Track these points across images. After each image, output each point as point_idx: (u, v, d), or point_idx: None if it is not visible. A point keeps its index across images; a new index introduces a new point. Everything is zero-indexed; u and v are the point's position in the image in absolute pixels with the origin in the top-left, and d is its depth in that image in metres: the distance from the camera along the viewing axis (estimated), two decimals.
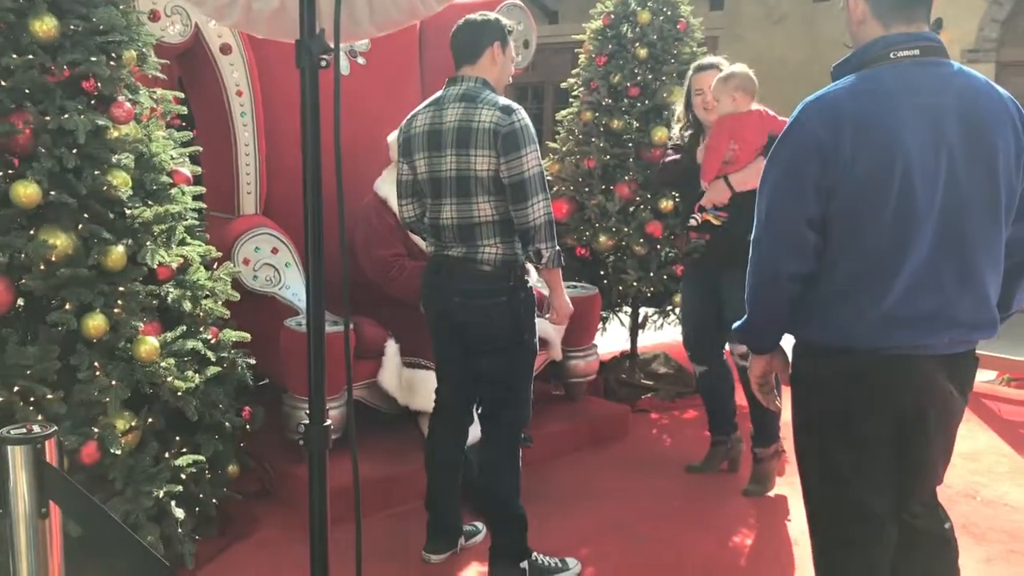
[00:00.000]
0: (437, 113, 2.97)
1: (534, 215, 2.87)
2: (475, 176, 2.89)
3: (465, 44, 3.01)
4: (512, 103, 2.91)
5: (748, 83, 3.75)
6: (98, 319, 2.83)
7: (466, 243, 2.95)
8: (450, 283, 3.01)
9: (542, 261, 2.92)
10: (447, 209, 2.96)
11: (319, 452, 1.67)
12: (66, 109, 2.85)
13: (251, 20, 1.76)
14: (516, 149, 2.84)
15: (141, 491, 2.87)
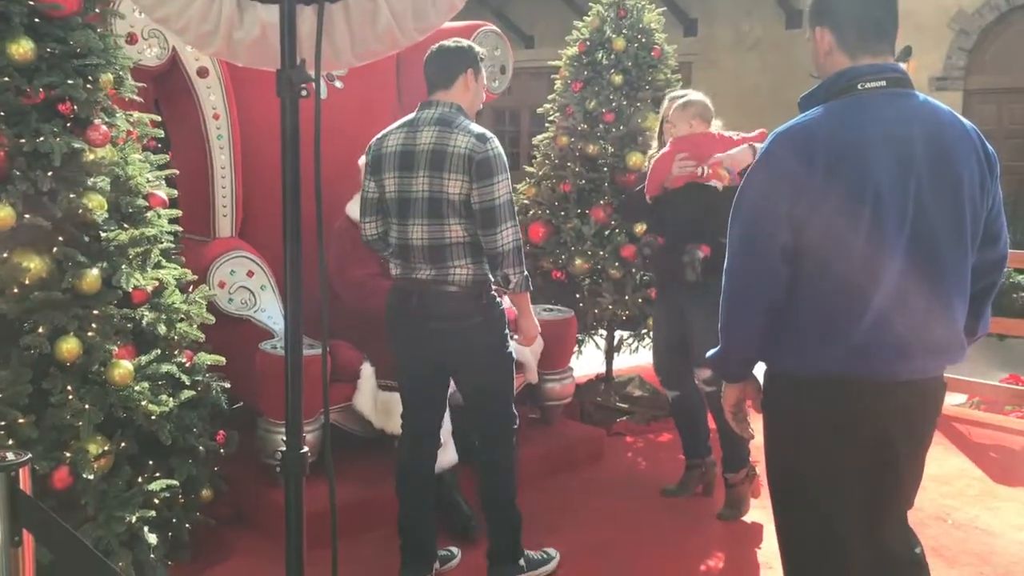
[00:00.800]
0: (411, 135, 3.02)
1: (503, 241, 2.94)
2: (447, 198, 2.94)
3: (439, 70, 3.08)
4: (487, 132, 2.98)
5: (705, 111, 3.84)
6: (72, 343, 2.81)
7: (436, 264, 2.99)
8: (422, 309, 3.04)
9: (510, 286, 3.00)
10: (417, 229, 2.99)
11: (296, 479, 1.67)
12: (42, 132, 2.84)
13: (232, 49, 1.77)
14: (489, 176, 2.91)
15: (113, 516, 2.84)
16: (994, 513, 4.02)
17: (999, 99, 9.55)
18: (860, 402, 2.04)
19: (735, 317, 2.17)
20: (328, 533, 2.27)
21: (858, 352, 2.00)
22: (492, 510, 3.22)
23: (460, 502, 3.67)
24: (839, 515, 2.12)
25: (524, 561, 3.26)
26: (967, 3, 9.43)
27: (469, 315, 3.02)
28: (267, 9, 1.70)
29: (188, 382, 3.15)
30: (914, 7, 9.89)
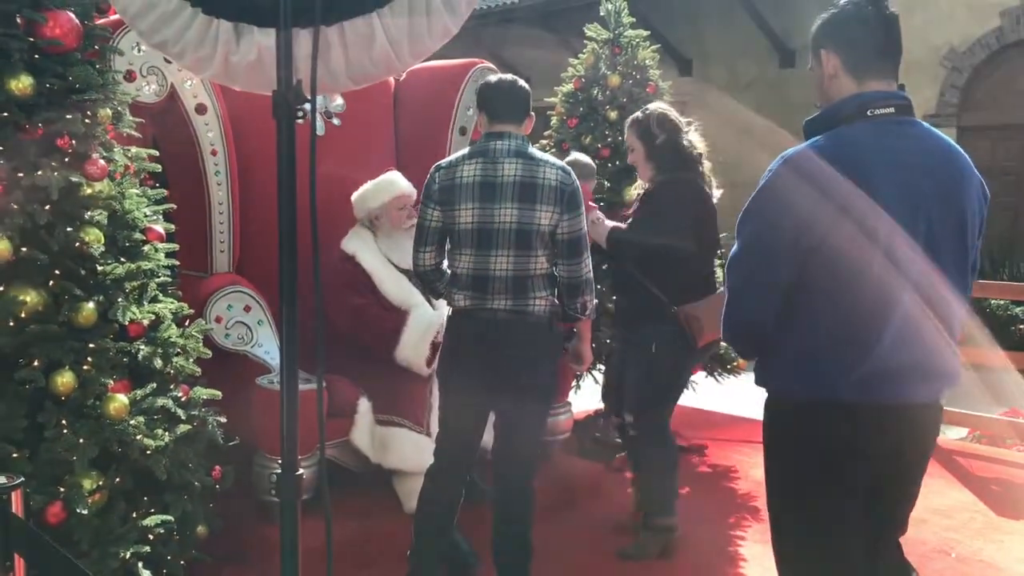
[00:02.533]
0: (489, 166, 3.04)
1: (584, 270, 3.09)
2: (537, 230, 3.00)
3: (515, 104, 3.13)
4: (567, 165, 3.12)
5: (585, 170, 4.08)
6: (67, 376, 2.79)
7: (517, 296, 3.04)
8: (501, 338, 3.05)
9: (586, 312, 3.14)
10: (500, 260, 3.02)
11: (290, 502, 1.65)
12: (40, 166, 2.84)
13: (229, 72, 1.79)
14: (577, 207, 3.03)
15: (108, 552, 2.79)
16: (998, 547, 3.99)
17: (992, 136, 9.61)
18: (873, 425, 2.02)
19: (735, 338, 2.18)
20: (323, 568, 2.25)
21: (872, 378, 1.98)
22: (512, 544, 3.21)
23: (460, 539, 3.62)
24: (848, 540, 2.09)
25: None
26: (958, 41, 9.53)
27: (544, 344, 3.12)
28: (264, 33, 1.72)
29: (184, 416, 3.12)
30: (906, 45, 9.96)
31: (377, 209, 4.04)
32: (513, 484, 3.21)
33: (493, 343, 3.06)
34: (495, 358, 3.06)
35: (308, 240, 1.83)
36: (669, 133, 3.75)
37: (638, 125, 3.82)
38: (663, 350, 3.70)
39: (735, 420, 6.14)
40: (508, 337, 3.05)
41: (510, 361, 3.06)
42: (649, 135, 3.77)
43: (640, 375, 3.78)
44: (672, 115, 3.82)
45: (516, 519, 3.21)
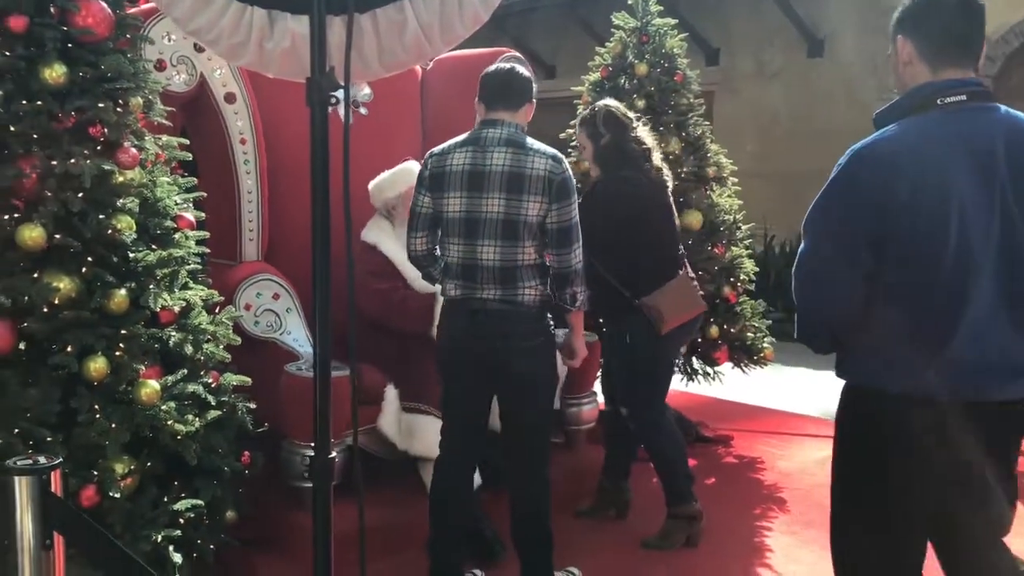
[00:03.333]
0: (479, 154, 3.03)
1: (574, 260, 3.03)
2: (524, 220, 2.98)
3: (511, 92, 3.11)
4: (559, 153, 3.05)
5: None
6: (99, 362, 2.83)
7: (505, 285, 3.02)
8: (489, 328, 3.04)
9: (576, 304, 3.10)
10: (487, 250, 3.00)
11: (323, 485, 1.66)
12: (72, 154, 2.88)
13: (263, 60, 1.80)
14: (567, 197, 2.99)
15: (139, 535, 2.83)
16: None
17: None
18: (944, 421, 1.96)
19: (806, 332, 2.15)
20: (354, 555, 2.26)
21: (951, 371, 1.94)
22: (530, 530, 3.21)
23: (485, 526, 3.64)
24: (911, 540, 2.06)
25: None
26: (991, 30, 9.37)
27: (534, 335, 3.08)
28: (297, 20, 1.73)
29: (214, 403, 3.15)
30: None
31: (393, 199, 4.04)
32: (522, 474, 3.21)
33: (483, 333, 3.06)
34: (486, 348, 3.06)
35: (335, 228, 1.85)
36: (614, 132, 3.77)
37: (587, 125, 3.85)
38: (638, 340, 3.74)
39: (761, 411, 6.12)
40: (498, 327, 3.04)
41: (500, 351, 3.05)
42: (596, 135, 3.79)
43: (622, 367, 3.86)
44: (618, 112, 3.83)
45: (530, 509, 3.21)
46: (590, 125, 3.81)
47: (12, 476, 1.43)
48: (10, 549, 1.46)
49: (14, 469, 1.45)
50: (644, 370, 3.82)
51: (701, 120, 5.24)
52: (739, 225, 5.16)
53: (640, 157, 3.76)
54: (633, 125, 3.82)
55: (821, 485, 4.56)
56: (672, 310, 3.69)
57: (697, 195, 4.97)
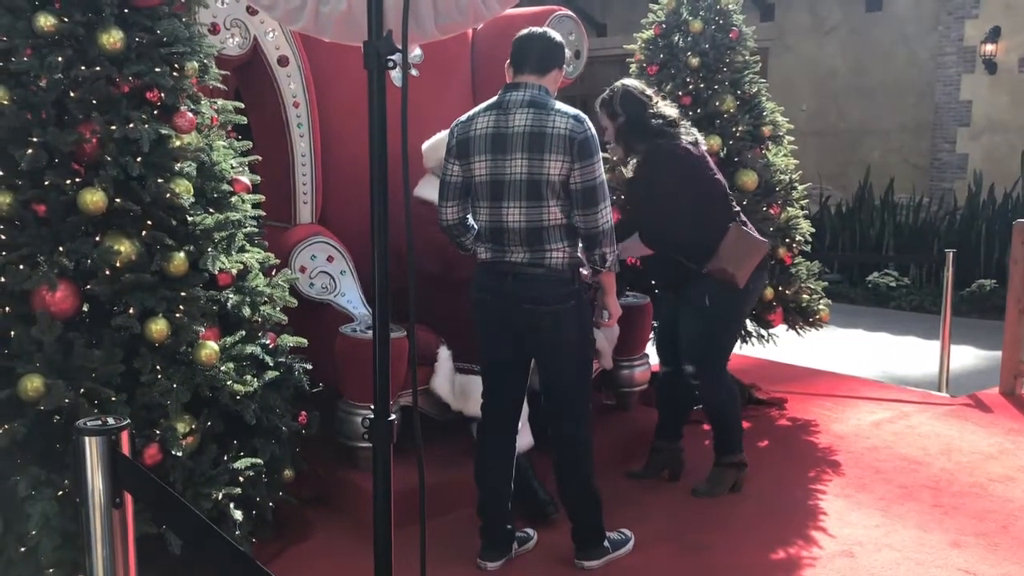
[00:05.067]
0: (502, 117, 3.03)
1: (602, 220, 2.99)
2: (547, 180, 2.96)
3: (540, 56, 3.09)
4: (581, 112, 3.01)
5: None
6: (160, 324, 2.89)
7: (532, 247, 3.02)
8: (518, 290, 3.06)
9: (606, 265, 3.06)
10: (512, 212, 3.01)
11: (383, 447, 1.68)
12: (131, 119, 2.91)
13: (319, 24, 1.80)
14: (589, 156, 2.95)
15: (201, 493, 2.90)
16: None
17: None
18: None
19: None
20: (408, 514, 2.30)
21: None
22: (575, 492, 3.25)
23: (537, 486, 3.67)
24: None
25: (608, 542, 3.31)
26: None
27: (564, 298, 3.07)
28: None
29: (271, 363, 3.21)
30: None
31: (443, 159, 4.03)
32: (561, 435, 3.23)
33: (512, 296, 3.07)
34: (517, 312, 3.08)
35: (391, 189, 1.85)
36: (632, 111, 3.74)
37: (605, 105, 3.83)
38: (719, 299, 3.79)
39: (816, 373, 6.06)
40: (526, 290, 3.05)
41: (531, 315, 3.07)
42: (614, 114, 3.78)
43: (696, 329, 3.86)
44: (636, 91, 3.79)
45: (571, 470, 3.23)
46: (608, 106, 3.81)
47: (83, 436, 1.47)
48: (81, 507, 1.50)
49: (85, 430, 1.49)
50: (722, 328, 3.90)
51: (756, 78, 5.14)
52: (795, 185, 5.07)
53: (664, 129, 3.73)
54: (653, 101, 3.78)
55: (875, 448, 4.52)
56: (739, 264, 3.73)
57: (752, 155, 4.88)
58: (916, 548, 3.47)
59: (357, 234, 3.83)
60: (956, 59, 10.62)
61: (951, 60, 10.65)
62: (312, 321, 3.70)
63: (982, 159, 10.55)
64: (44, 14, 2.83)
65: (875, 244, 10.05)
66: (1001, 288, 7.75)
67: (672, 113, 3.81)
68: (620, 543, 3.38)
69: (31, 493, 2.62)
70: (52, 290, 2.76)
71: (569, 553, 3.33)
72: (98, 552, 1.49)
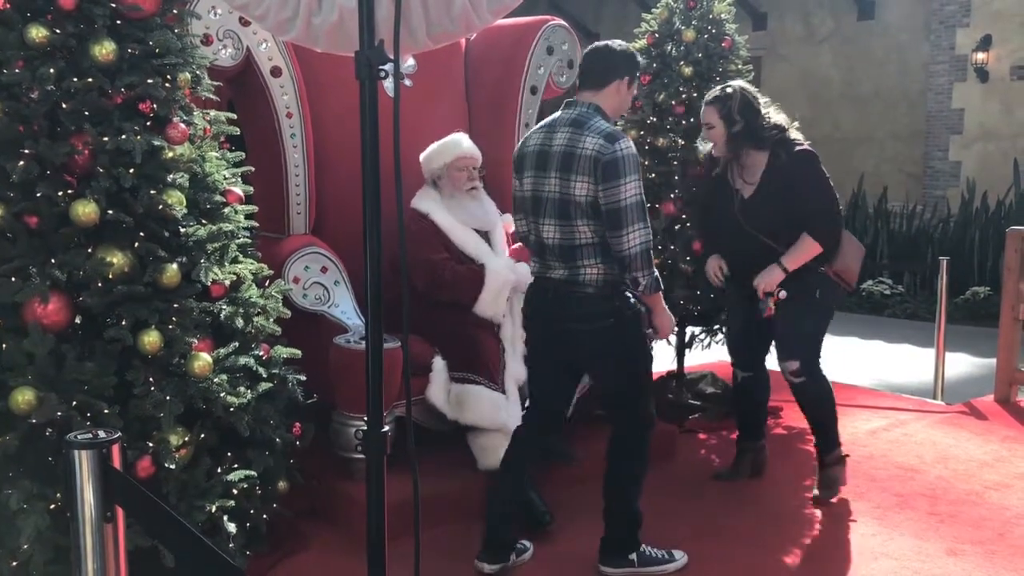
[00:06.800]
0: (548, 135, 3.11)
1: (629, 244, 2.96)
2: (574, 200, 3.00)
3: (595, 70, 3.14)
4: (618, 131, 3.02)
5: None
6: (153, 335, 2.87)
7: (568, 263, 3.07)
8: (556, 309, 3.13)
9: (639, 288, 3.05)
10: (548, 229, 3.09)
11: (377, 459, 1.67)
12: (123, 130, 2.90)
13: (311, 34, 1.80)
14: (615, 177, 2.93)
15: (194, 506, 2.89)
16: None
17: None
18: None
19: None
20: (402, 525, 2.28)
21: None
22: (612, 503, 3.26)
23: (534, 496, 3.65)
24: None
25: (636, 556, 3.27)
26: None
27: (601, 316, 3.08)
28: None
29: (265, 375, 3.19)
30: None
31: (438, 170, 4.05)
32: (610, 441, 3.29)
33: (552, 314, 3.14)
34: (556, 327, 3.15)
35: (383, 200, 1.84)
36: (748, 120, 3.78)
37: (720, 105, 3.82)
38: (828, 294, 3.87)
39: None
40: (563, 308, 3.11)
41: (568, 332, 3.12)
42: (730, 119, 3.79)
43: (805, 324, 3.86)
44: (751, 97, 3.83)
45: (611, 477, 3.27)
46: (724, 107, 3.80)
47: (74, 450, 1.46)
48: (72, 522, 1.49)
49: (76, 443, 1.48)
50: (826, 324, 3.93)
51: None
52: None
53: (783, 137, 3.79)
54: (765, 110, 3.82)
55: (871, 456, 4.52)
56: (856, 265, 3.89)
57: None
58: (913, 556, 3.47)
59: (351, 245, 3.83)
60: (948, 67, 10.66)
61: (943, 68, 10.70)
62: (306, 332, 3.68)
63: (975, 167, 10.58)
64: (36, 26, 2.82)
65: (869, 252, 10.06)
66: (995, 295, 7.76)
67: (782, 120, 3.85)
68: (654, 561, 3.30)
69: (23, 507, 2.60)
70: (44, 302, 2.74)
71: (566, 564, 3.31)
72: (89, 566, 1.47)
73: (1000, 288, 5.82)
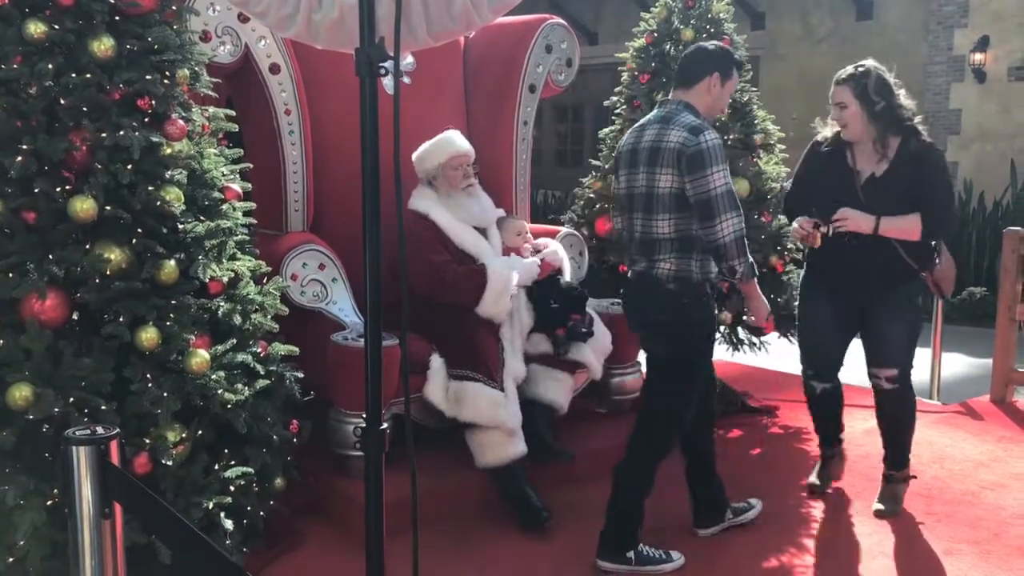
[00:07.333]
0: (639, 134, 3.23)
1: (722, 233, 3.02)
2: (658, 193, 3.09)
3: (685, 69, 3.24)
4: (703, 124, 3.07)
5: None
6: (151, 332, 2.87)
7: (646, 256, 3.19)
8: (635, 301, 3.35)
9: (736, 277, 3.11)
10: (636, 223, 3.22)
11: (375, 456, 1.67)
12: (121, 126, 2.91)
13: (311, 31, 1.80)
14: (701, 168, 3.00)
15: (191, 502, 2.89)
16: None
17: None
18: None
19: None
20: (400, 523, 2.28)
21: None
22: (619, 496, 3.31)
23: (530, 494, 3.65)
24: None
25: (634, 554, 3.26)
26: None
27: (669, 311, 3.19)
28: None
29: (262, 372, 3.19)
30: None
31: (433, 170, 4.03)
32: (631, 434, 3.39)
33: (630, 305, 3.37)
34: (635, 320, 3.38)
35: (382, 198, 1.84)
36: (888, 99, 3.64)
37: (855, 84, 3.63)
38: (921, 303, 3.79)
39: None
40: (639, 299, 3.29)
41: (642, 324, 3.33)
42: (868, 100, 3.61)
43: (904, 330, 3.75)
44: (887, 78, 3.68)
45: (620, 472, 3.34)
46: (859, 86, 3.62)
47: (72, 446, 1.46)
48: (70, 518, 1.49)
49: (74, 439, 1.48)
50: (919, 331, 3.80)
51: (748, 86, 5.15)
52: None
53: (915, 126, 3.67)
54: (897, 91, 3.69)
55: (868, 456, 4.52)
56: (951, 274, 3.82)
57: (743, 163, 4.89)
58: (909, 556, 3.47)
59: (349, 242, 3.83)
60: (946, 68, 10.67)
61: (941, 69, 10.71)
62: (304, 329, 3.68)
63: (972, 167, 10.60)
64: (34, 21, 2.82)
65: None
66: (991, 296, 7.77)
67: (912, 106, 3.73)
68: (652, 560, 3.29)
69: (19, 503, 2.60)
70: (42, 298, 2.74)
71: (566, 563, 3.32)
72: (87, 563, 1.47)
73: (997, 288, 5.82)
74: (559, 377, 4.09)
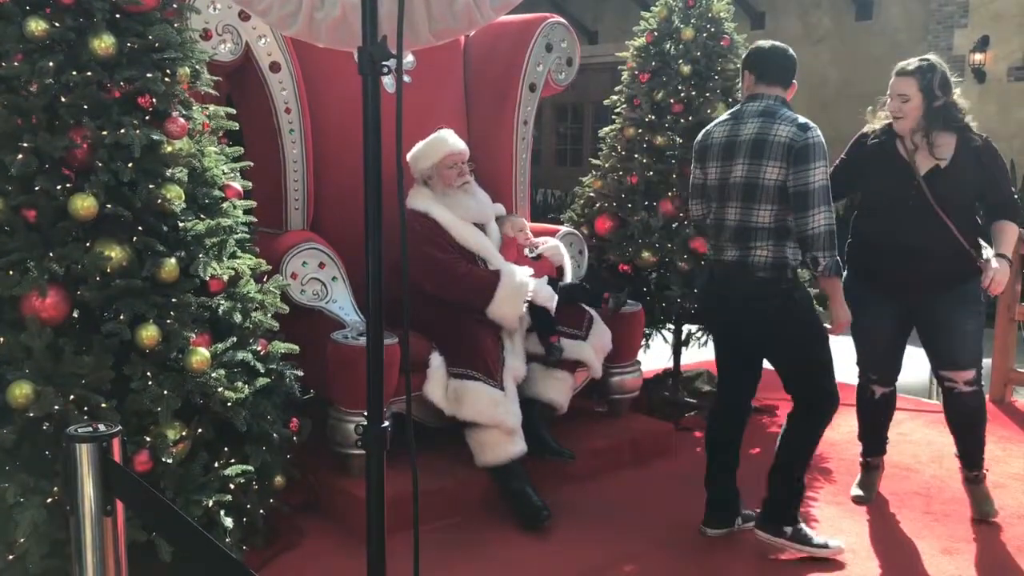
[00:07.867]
0: (735, 126, 3.34)
1: (814, 224, 3.14)
2: (762, 184, 3.19)
3: (781, 68, 3.36)
4: (809, 122, 3.20)
5: None
6: (151, 330, 2.87)
7: (740, 245, 3.27)
8: (726, 290, 3.37)
9: (819, 268, 3.20)
10: (731, 212, 3.30)
11: (377, 454, 1.68)
12: (122, 124, 2.90)
13: (313, 30, 1.80)
14: (805, 162, 3.12)
15: (191, 500, 2.89)
16: None
17: None
18: None
19: None
20: (400, 520, 2.29)
21: None
22: (777, 470, 3.40)
23: (530, 492, 3.66)
24: None
25: (792, 530, 3.37)
26: None
27: (768, 297, 3.25)
28: None
29: (263, 370, 3.19)
30: None
31: (428, 170, 4.03)
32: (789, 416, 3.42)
33: (723, 295, 3.39)
34: (728, 309, 3.38)
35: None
36: (948, 96, 3.65)
37: (920, 78, 3.62)
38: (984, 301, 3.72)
39: None
40: (732, 289, 3.33)
41: (738, 311, 3.33)
42: (931, 94, 3.60)
43: (974, 326, 3.69)
44: (950, 76, 3.72)
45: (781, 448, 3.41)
46: (924, 80, 3.61)
47: (75, 444, 1.46)
48: (72, 515, 1.49)
49: (77, 437, 1.48)
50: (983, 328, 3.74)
51: None
52: None
53: (968, 124, 3.68)
54: (954, 89, 3.71)
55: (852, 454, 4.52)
56: None
57: None
58: (908, 555, 3.48)
59: (349, 241, 3.83)
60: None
61: None
62: (303, 328, 3.68)
63: None
64: (35, 19, 2.82)
65: None
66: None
67: (966, 105, 3.74)
68: (808, 540, 3.38)
69: (20, 500, 2.61)
70: (42, 296, 2.74)
71: (565, 562, 3.32)
72: (89, 560, 1.47)
73: None
74: (559, 376, 4.09)
